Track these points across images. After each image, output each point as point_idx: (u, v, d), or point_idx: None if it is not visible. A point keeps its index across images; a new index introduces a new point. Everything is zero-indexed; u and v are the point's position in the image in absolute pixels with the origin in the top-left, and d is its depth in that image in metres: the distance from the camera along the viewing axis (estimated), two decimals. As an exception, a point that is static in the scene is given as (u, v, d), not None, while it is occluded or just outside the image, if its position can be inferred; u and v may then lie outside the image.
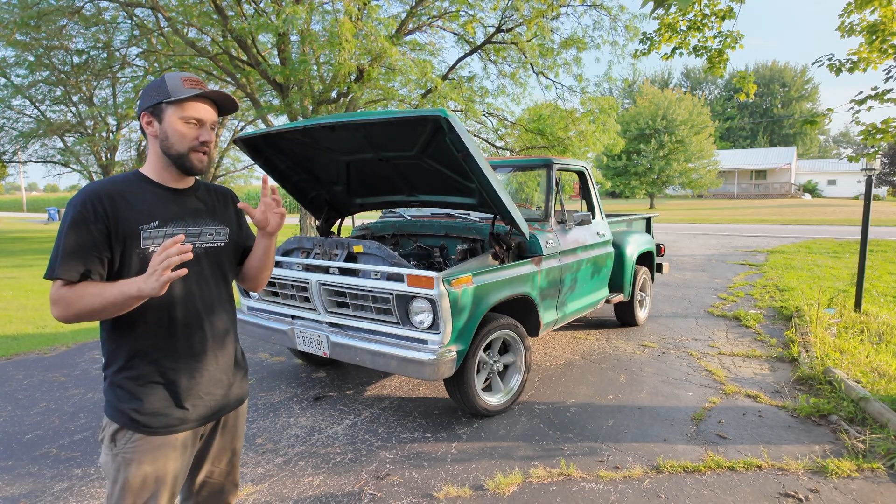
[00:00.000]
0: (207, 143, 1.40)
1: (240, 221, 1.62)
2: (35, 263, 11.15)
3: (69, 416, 3.42)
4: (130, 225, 1.33)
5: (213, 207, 1.53)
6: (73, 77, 14.64)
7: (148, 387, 1.37)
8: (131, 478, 1.34)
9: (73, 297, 1.26)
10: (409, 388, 3.89)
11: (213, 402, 1.47)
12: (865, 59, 4.83)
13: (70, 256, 1.28)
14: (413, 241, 4.20)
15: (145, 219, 1.36)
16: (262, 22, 9.15)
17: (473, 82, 12.07)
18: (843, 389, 3.56)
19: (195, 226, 1.45)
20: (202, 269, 1.45)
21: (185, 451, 1.43)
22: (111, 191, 1.35)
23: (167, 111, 1.37)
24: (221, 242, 1.51)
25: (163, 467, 1.37)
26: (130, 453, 1.35)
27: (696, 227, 19.51)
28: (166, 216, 1.40)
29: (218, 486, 1.59)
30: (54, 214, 31.65)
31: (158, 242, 1.36)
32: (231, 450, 1.59)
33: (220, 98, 1.42)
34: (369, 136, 3.28)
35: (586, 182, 4.81)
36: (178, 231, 1.40)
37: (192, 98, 1.37)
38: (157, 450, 1.36)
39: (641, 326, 5.56)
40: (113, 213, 1.32)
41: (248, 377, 1.65)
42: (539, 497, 2.48)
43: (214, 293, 1.48)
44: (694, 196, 42.97)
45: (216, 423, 1.53)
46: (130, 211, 1.35)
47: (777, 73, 57.21)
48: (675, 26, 5.60)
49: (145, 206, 1.37)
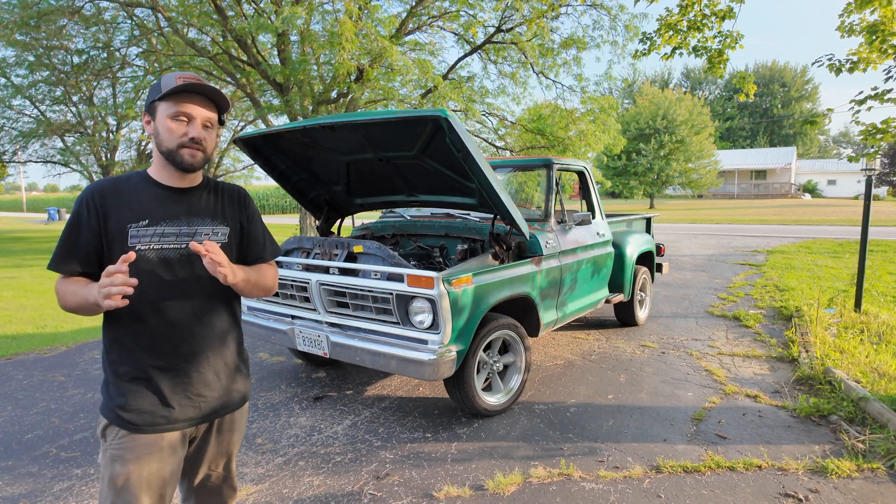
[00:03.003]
0: (198, 140, 1.38)
1: (250, 225, 1.57)
2: (35, 263, 11.14)
3: (69, 416, 3.42)
4: (119, 222, 1.36)
5: (216, 207, 1.50)
6: (73, 77, 14.64)
7: (133, 384, 1.37)
8: (115, 474, 1.35)
9: (63, 292, 1.34)
10: (409, 388, 3.89)
11: (203, 404, 1.44)
12: (865, 59, 4.83)
13: (64, 250, 1.36)
14: (413, 241, 4.20)
15: (135, 217, 1.37)
16: (261, 22, 9.14)
17: (473, 82, 12.07)
18: (843, 389, 3.56)
19: (189, 225, 1.43)
20: (195, 270, 1.41)
21: (173, 452, 1.41)
22: (107, 188, 1.39)
23: (159, 108, 1.38)
24: (218, 242, 1.47)
25: (147, 466, 1.36)
26: (117, 450, 1.36)
27: (696, 227, 19.51)
28: (159, 215, 1.39)
29: (216, 489, 1.59)
30: (54, 214, 31.66)
31: (146, 241, 1.37)
32: (226, 454, 1.56)
33: (206, 91, 1.39)
34: (369, 136, 3.28)
35: (586, 182, 4.81)
36: (170, 230, 1.39)
37: (179, 94, 1.36)
38: (142, 448, 1.36)
39: (641, 326, 5.56)
40: (104, 209, 1.36)
41: (250, 379, 1.63)
42: (539, 497, 2.48)
43: (209, 294, 1.45)
44: (694, 196, 42.98)
45: (209, 426, 1.50)
46: (122, 208, 1.37)
47: (777, 73, 57.22)
48: (676, 26, 5.60)
49: (139, 205, 1.39)
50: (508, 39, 11.43)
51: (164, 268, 1.38)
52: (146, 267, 1.36)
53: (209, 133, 1.42)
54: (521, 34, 11.26)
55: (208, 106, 1.41)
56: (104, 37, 13.03)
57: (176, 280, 1.39)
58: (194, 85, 1.36)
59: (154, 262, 1.37)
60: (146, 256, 1.36)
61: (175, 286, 1.40)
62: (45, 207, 39.78)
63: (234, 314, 1.54)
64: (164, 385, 1.39)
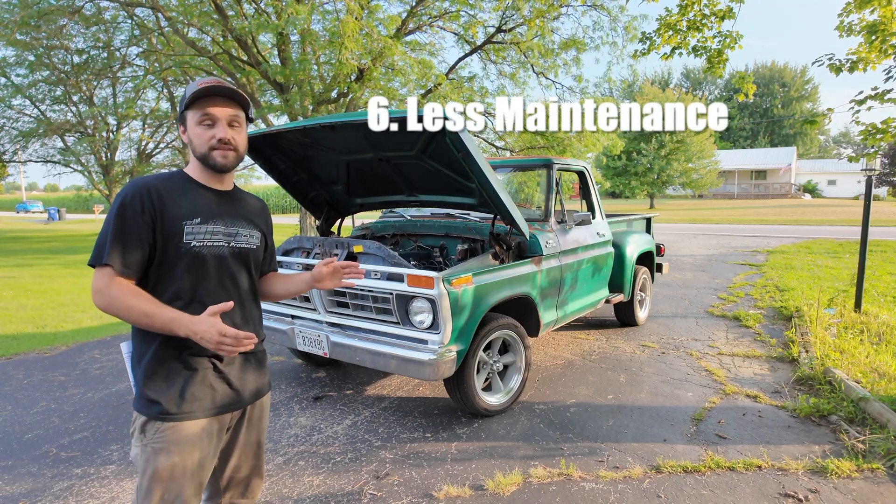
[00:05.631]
0: (225, 140, 1.43)
1: (269, 234, 1.69)
2: (35, 263, 11.15)
3: (69, 416, 3.42)
4: (175, 220, 1.39)
5: (248, 212, 1.59)
6: (73, 77, 14.66)
7: (174, 377, 1.41)
8: (160, 468, 1.37)
9: (116, 299, 1.32)
10: (409, 388, 3.90)
11: (243, 390, 1.52)
12: (865, 59, 4.83)
13: (117, 245, 1.34)
14: (413, 241, 4.20)
15: (189, 215, 1.42)
16: (262, 22, 9.14)
17: (474, 82, 12.07)
18: (843, 390, 3.56)
19: (232, 226, 1.51)
20: (231, 267, 1.50)
21: (210, 440, 1.46)
22: (159, 186, 1.42)
23: (187, 117, 1.45)
24: (254, 245, 1.57)
25: (191, 456, 1.40)
26: (159, 443, 1.38)
27: (696, 227, 19.52)
28: (208, 214, 1.45)
29: (244, 480, 1.63)
30: (54, 214, 31.66)
31: (200, 238, 1.42)
32: (256, 442, 1.63)
33: (224, 92, 1.44)
34: (369, 136, 3.28)
35: (586, 182, 4.81)
36: (218, 228, 1.46)
37: (201, 99, 1.42)
38: (184, 439, 1.39)
39: (641, 326, 5.56)
40: (160, 207, 1.39)
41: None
42: (539, 497, 2.48)
43: (242, 290, 1.53)
44: (694, 196, 42.97)
45: (242, 416, 1.57)
46: (176, 206, 1.41)
47: (777, 73, 57.22)
48: (675, 26, 5.60)
49: (189, 203, 1.43)
50: (508, 40, 11.43)
51: (215, 264, 1.45)
52: (199, 263, 1.42)
53: (237, 132, 1.47)
54: (522, 35, 11.27)
55: (231, 105, 1.46)
56: (104, 36, 13.05)
57: (223, 276, 1.47)
58: (212, 88, 1.41)
59: (207, 259, 1.43)
60: (200, 253, 1.42)
61: (222, 281, 1.47)
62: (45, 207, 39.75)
63: (257, 306, 1.63)
64: (210, 374, 1.45)
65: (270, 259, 1.72)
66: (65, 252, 13.53)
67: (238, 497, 1.63)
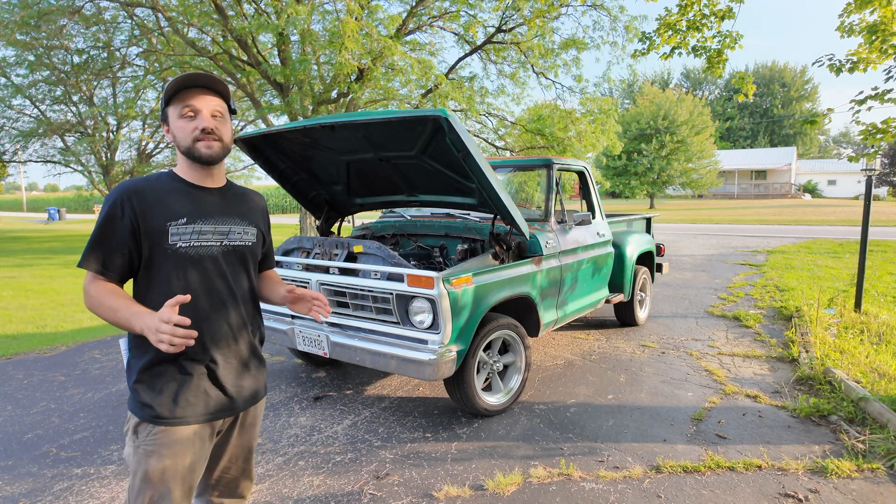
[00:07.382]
0: (209, 129, 1.40)
1: (267, 230, 1.66)
2: (35, 263, 11.15)
3: (69, 416, 3.42)
4: (158, 221, 1.37)
5: (243, 209, 1.56)
6: (73, 77, 14.65)
7: (168, 381, 1.40)
8: (151, 470, 1.37)
9: (96, 298, 1.33)
10: (409, 388, 3.89)
11: (237, 395, 1.50)
12: (865, 59, 4.83)
13: (96, 248, 1.35)
14: (413, 241, 4.20)
15: (173, 215, 1.39)
16: (262, 22, 9.14)
17: (474, 82, 12.08)
18: (843, 390, 3.56)
19: (224, 224, 1.48)
20: (224, 267, 1.47)
21: (202, 444, 1.45)
22: (141, 188, 1.40)
23: (169, 114, 1.42)
24: (249, 241, 1.54)
25: (181, 460, 1.40)
26: (151, 446, 1.38)
27: (696, 227, 19.51)
28: (195, 214, 1.43)
29: (233, 481, 1.63)
30: (54, 214, 31.67)
31: (186, 238, 1.39)
32: (248, 447, 1.62)
33: (201, 82, 1.41)
34: (369, 135, 3.28)
35: (586, 182, 4.81)
36: (207, 228, 1.43)
37: (180, 92, 1.40)
38: (176, 443, 1.39)
39: (641, 326, 5.56)
40: (141, 209, 1.37)
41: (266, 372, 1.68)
42: (539, 497, 2.48)
43: (235, 289, 1.51)
44: (694, 196, 42.98)
45: (234, 420, 1.55)
46: (160, 207, 1.39)
47: (777, 73, 57.20)
48: (675, 25, 5.60)
49: (174, 203, 1.41)
50: (508, 40, 11.44)
51: (203, 265, 1.42)
52: (187, 264, 1.40)
53: (221, 122, 1.44)
54: (522, 35, 11.27)
55: (212, 95, 1.44)
56: (104, 36, 13.05)
57: (213, 277, 1.44)
58: (189, 77, 1.39)
59: (194, 260, 1.41)
60: (187, 254, 1.40)
61: (212, 283, 1.44)
62: (45, 207, 39.78)
63: (254, 306, 1.60)
64: (204, 380, 1.43)
65: (269, 257, 1.70)
66: (65, 252, 13.52)
67: (227, 496, 1.63)
